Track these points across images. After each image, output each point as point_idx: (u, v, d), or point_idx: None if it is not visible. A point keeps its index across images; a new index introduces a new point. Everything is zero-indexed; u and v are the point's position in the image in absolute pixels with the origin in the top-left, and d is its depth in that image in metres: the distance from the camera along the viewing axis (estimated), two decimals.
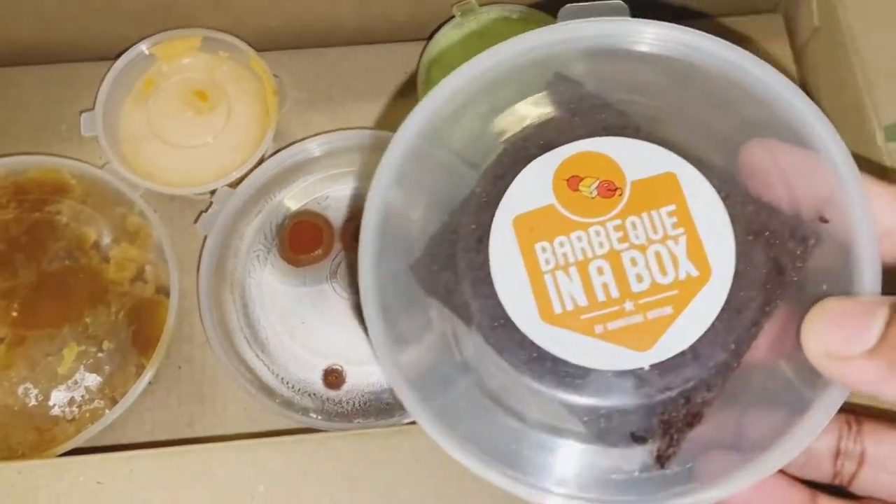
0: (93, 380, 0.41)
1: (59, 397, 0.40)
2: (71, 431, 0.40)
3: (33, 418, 0.40)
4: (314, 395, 0.42)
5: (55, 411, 0.40)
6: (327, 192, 0.46)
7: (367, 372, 0.43)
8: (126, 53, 0.46)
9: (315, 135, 0.45)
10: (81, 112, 0.46)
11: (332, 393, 0.42)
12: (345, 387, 0.43)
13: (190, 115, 0.46)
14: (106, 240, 0.43)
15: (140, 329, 0.42)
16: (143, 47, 0.46)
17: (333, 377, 0.43)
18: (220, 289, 0.44)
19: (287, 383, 0.42)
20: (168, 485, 0.35)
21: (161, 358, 0.41)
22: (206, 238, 0.43)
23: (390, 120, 0.48)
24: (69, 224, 0.43)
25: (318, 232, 0.44)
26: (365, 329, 0.27)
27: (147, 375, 0.41)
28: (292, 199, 0.46)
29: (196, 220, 0.45)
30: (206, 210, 0.44)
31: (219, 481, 0.35)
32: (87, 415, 0.40)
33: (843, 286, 0.25)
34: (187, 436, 0.43)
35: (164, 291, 0.43)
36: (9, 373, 0.40)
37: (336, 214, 0.46)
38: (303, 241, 0.44)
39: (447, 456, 0.27)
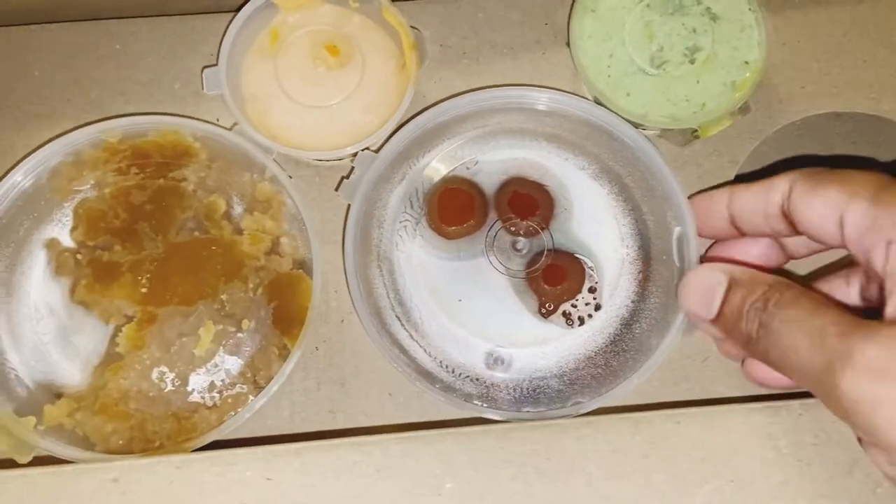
0: (233, 362, 0.37)
1: (197, 381, 0.37)
2: (213, 419, 0.36)
3: (171, 405, 0.36)
4: (477, 379, 0.38)
5: (194, 397, 0.37)
6: (476, 156, 0.42)
7: (534, 354, 0.39)
8: (248, 4, 0.41)
9: (461, 93, 0.41)
10: (203, 68, 0.41)
11: (497, 377, 0.39)
12: (511, 371, 0.39)
13: (321, 70, 0.41)
14: (237, 209, 0.39)
15: (280, 306, 0.38)
16: None
17: (497, 360, 0.39)
18: (366, 263, 0.40)
19: (446, 367, 0.39)
20: (342, 479, 0.31)
21: (304, 338, 0.37)
22: (348, 207, 0.39)
23: (532, 76, 0.44)
24: (196, 191, 0.39)
25: (469, 200, 0.40)
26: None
27: (294, 358, 0.37)
28: (439, 164, 0.42)
29: (337, 188, 0.41)
30: (348, 176, 0.40)
31: (401, 477, 0.31)
32: (230, 401, 0.37)
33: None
34: (329, 423, 0.39)
35: (300, 265, 0.39)
36: (141, 354, 0.37)
37: (488, 180, 0.41)
38: (453, 210, 0.40)
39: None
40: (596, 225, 0.41)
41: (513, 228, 0.41)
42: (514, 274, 0.40)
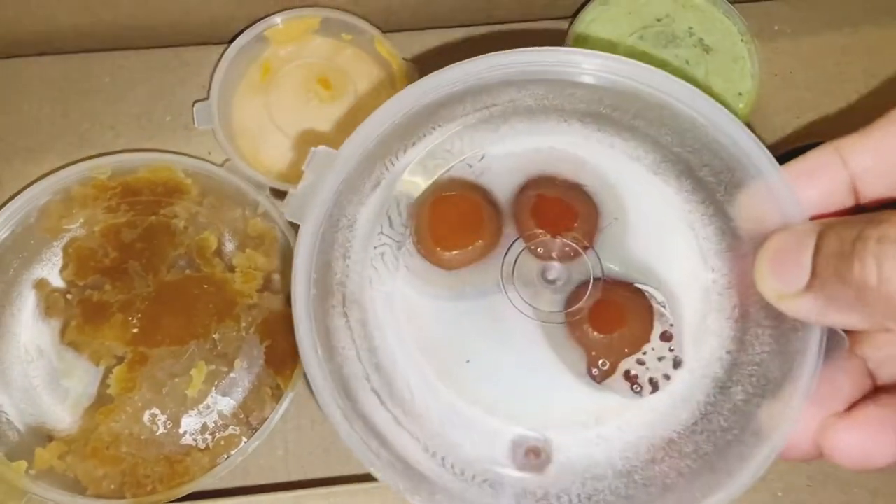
0: (226, 403, 0.37)
1: (190, 423, 0.36)
2: (205, 462, 0.36)
3: (162, 447, 0.36)
4: (500, 484, 0.27)
5: (186, 439, 0.36)
6: (481, 149, 0.30)
7: (586, 440, 0.28)
8: (240, 37, 0.41)
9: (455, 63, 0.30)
10: (195, 102, 0.41)
11: (530, 480, 0.27)
12: (551, 469, 0.27)
13: (313, 104, 0.41)
14: (229, 245, 0.39)
15: (273, 345, 0.37)
16: (256, 30, 0.41)
17: (531, 453, 0.28)
18: (324, 310, 0.28)
19: (452, 467, 0.27)
20: None
21: (298, 378, 0.37)
22: (299, 229, 0.28)
23: None
24: (187, 228, 0.39)
25: (474, 212, 0.29)
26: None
27: (287, 399, 0.36)
28: (427, 163, 0.30)
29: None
30: (296, 185, 0.29)
31: None
32: (222, 443, 0.36)
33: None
34: (324, 463, 0.38)
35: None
36: (132, 396, 0.36)
37: (500, 182, 0.30)
38: (452, 227, 0.29)
39: None
40: (663, 239, 0.29)
41: (541, 250, 0.29)
42: (546, 318, 0.29)
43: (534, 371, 0.29)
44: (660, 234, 0.30)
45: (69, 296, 0.37)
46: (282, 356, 0.37)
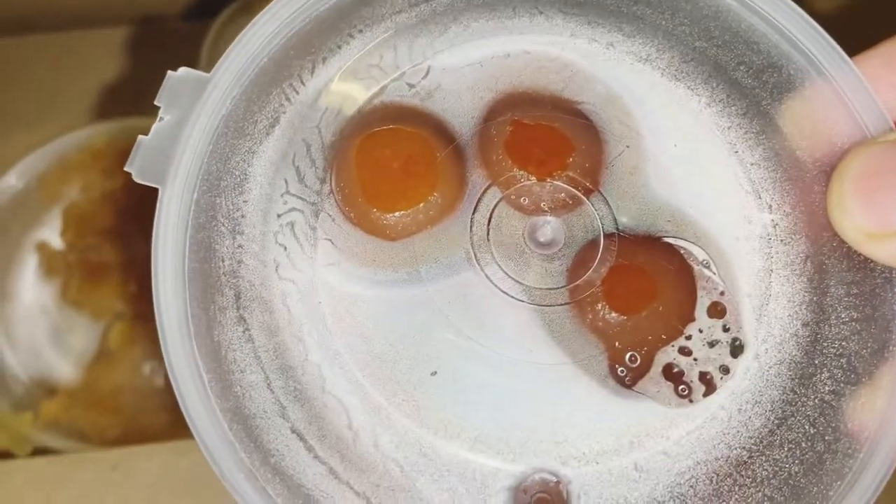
0: None
1: None
2: None
3: (163, 397, 0.38)
4: None
5: None
6: (424, 59, 0.21)
7: (619, 476, 0.20)
8: (225, 9, 0.43)
9: None
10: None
11: None
12: None
13: None
14: None
15: None
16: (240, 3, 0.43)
17: (543, 500, 0.19)
18: (208, 317, 0.20)
19: None
20: None
21: None
22: (159, 195, 0.21)
23: None
24: None
25: (423, 150, 0.20)
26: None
27: None
28: (346, 84, 0.21)
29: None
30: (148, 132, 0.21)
31: None
32: None
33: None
34: None
35: None
36: (132, 350, 0.38)
37: (456, 107, 0.21)
38: (392, 175, 0.20)
39: None
40: (697, 171, 0.21)
41: (524, 201, 0.21)
42: (542, 299, 0.20)
43: (532, 379, 0.20)
44: (691, 164, 0.21)
45: (69, 257, 0.39)
46: None
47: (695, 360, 0.20)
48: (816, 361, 0.20)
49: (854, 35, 0.21)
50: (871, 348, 0.19)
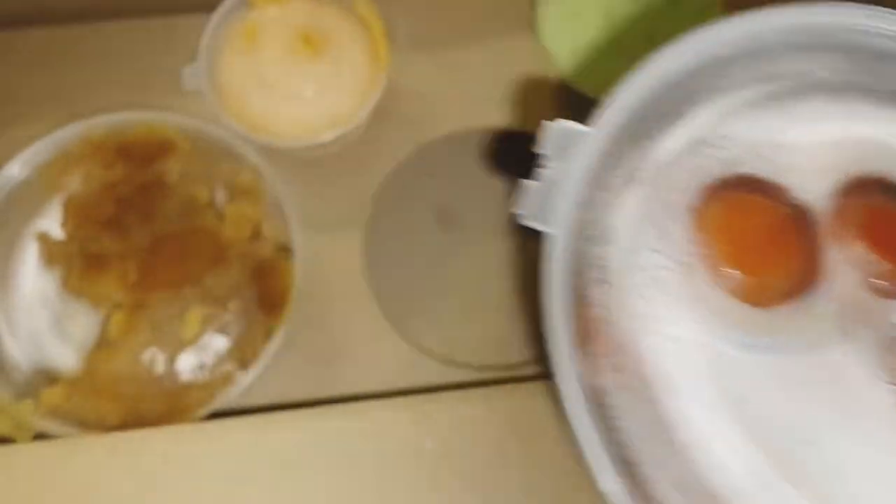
0: (221, 342, 0.39)
1: (187, 362, 0.38)
2: (203, 397, 0.38)
3: (162, 384, 0.38)
4: None
5: (185, 377, 0.38)
6: (775, 137, 0.23)
7: None
8: (224, 2, 0.43)
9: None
10: (186, 66, 0.43)
11: None
12: None
13: (296, 63, 0.43)
14: (219, 198, 0.41)
15: (264, 289, 0.40)
16: None
17: None
18: (588, 367, 0.20)
19: None
20: (332, 442, 0.33)
21: (288, 317, 0.39)
22: (544, 238, 0.21)
23: (509, 63, 0.46)
24: (179, 182, 0.41)
25: (783, 221, 0.22)
26: None
27: (279, 336, 0.38)
28: (700, 150, 0.23)
29: (517, 209, 0.22)
30: (517, 202, 0.21)
31: (384, 438, 0.33)
32: (219, 378, 0.38)
33: None
34: (316, 396, 0.41)
35: (283, 249, 0.41)
36: (131, 338, 0.38)
37: (807, 183, 0.23)
38: (755, 241, 0.21)
39: None
40: None
41: (886, 285, 0.21)
42: None
43: None
44: None
45: (70, 247, 0.40)
46: (273, 299, 0.39)
47: None
48: None
49: None
50: None
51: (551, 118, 0.21)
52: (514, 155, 0.43)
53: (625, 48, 0.42)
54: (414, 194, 0.44)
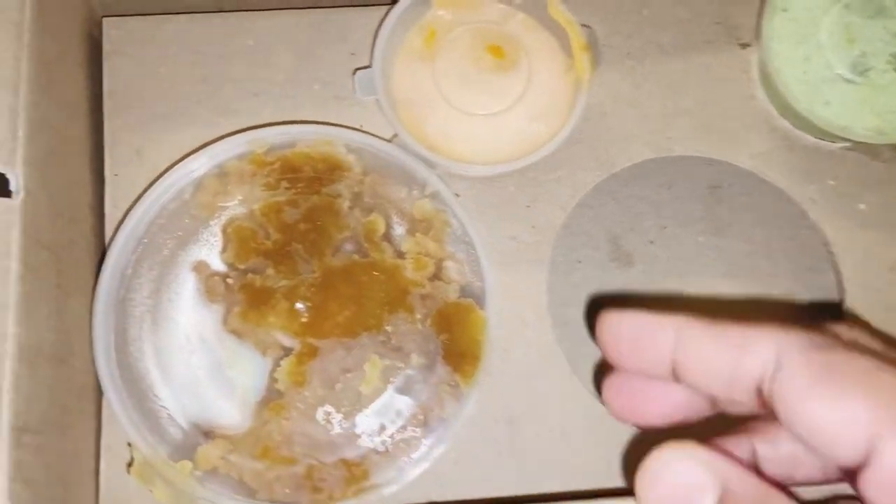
0: (404, 402, 0.34)
1: (366, 423, 0.33)
2: (384, 465, 0.33)
3: (339, 449, 0.33)
4: None
5: (364, 441, 0.33)
6: None
7: None
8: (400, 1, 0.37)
9: None
10: (356, 70, 0.38)
11: None
12: None
13: (484, 74, 0.37)
14: (398, 229, 0.36)
15: (451, 339, 0.34)
16: None
17: None
18: None
19: None
20: None
21: (479, 375, 0.34)
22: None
23: (703, 80, 0.40)
24: (353, 209, 0.35)
25: None
26: None
27: (471, 398, 0.33)
28: None
29: None
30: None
31: None
32: (402, 445, 0.33)
33: None
34: (500, 473, 0.35)
35: (467, 292, 0.35)
36: (303, 392, 0.33)
37: None
38: None
39: None
40: None
41: None
42: None
43: None
44: None
45: (230, 280, 0.34)
46: (460, 351, 0.34)
47: None
48: None
49: None
50: None
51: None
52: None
53: (873, 83, 0.36)
54: (600, 228, 0.39)
